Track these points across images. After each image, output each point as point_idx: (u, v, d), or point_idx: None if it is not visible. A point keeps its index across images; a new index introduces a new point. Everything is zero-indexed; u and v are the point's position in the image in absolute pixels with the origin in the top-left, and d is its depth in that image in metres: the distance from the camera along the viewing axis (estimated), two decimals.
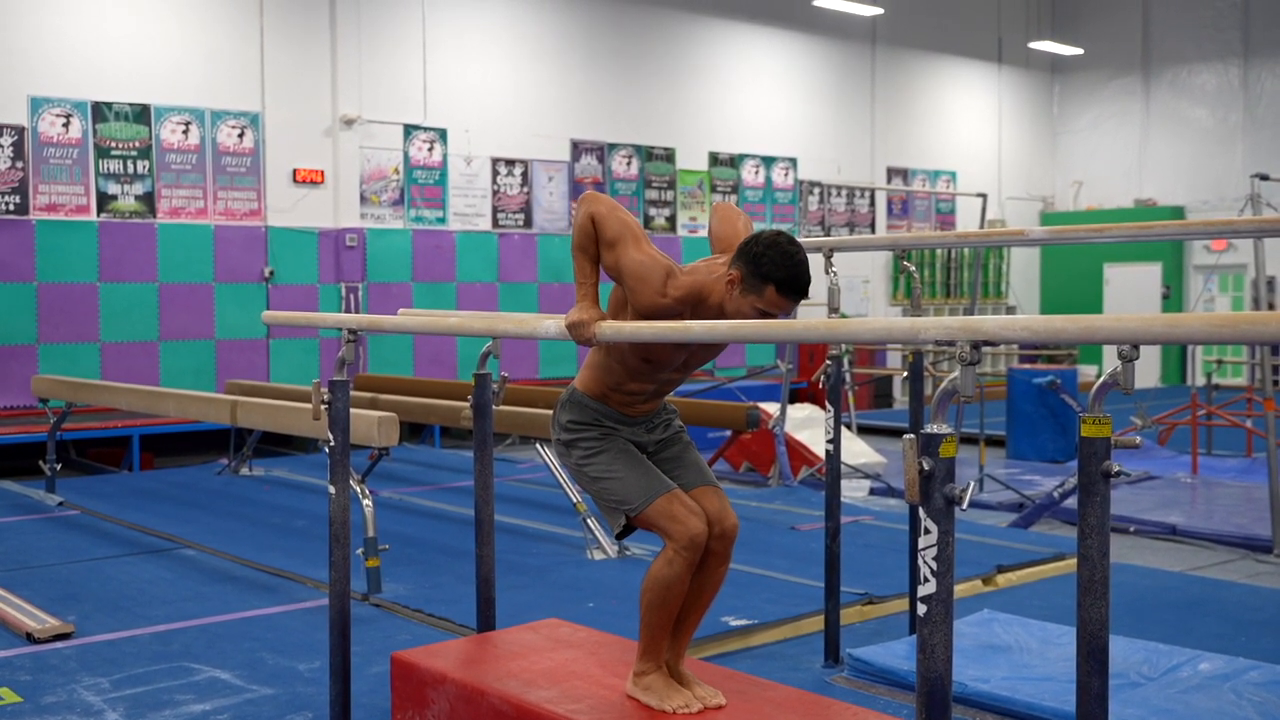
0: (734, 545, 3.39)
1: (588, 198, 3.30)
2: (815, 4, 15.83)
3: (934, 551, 2.33)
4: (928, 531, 2.33)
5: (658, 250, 3.28)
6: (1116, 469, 2.70)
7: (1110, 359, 2.46)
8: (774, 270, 3.08)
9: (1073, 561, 6.18)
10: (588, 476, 3.42)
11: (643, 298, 3.21)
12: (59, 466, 8.99)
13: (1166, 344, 2.19)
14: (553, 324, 3.36)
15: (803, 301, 3.27)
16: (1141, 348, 2.44)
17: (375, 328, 4.23)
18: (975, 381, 2.36)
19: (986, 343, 2.31)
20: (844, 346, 5.35)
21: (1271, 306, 16.49)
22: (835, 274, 4.99)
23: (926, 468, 2.32)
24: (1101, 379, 2.65)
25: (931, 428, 2.34)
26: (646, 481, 3.30)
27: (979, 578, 6.16)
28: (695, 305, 3.23)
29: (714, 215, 3.60)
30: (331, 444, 3.83)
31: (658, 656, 3.33)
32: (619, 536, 3.43)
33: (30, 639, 5.09)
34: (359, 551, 5.73)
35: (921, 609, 2.36)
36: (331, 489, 3.82)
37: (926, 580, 2.34)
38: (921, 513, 2.35)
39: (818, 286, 7.20)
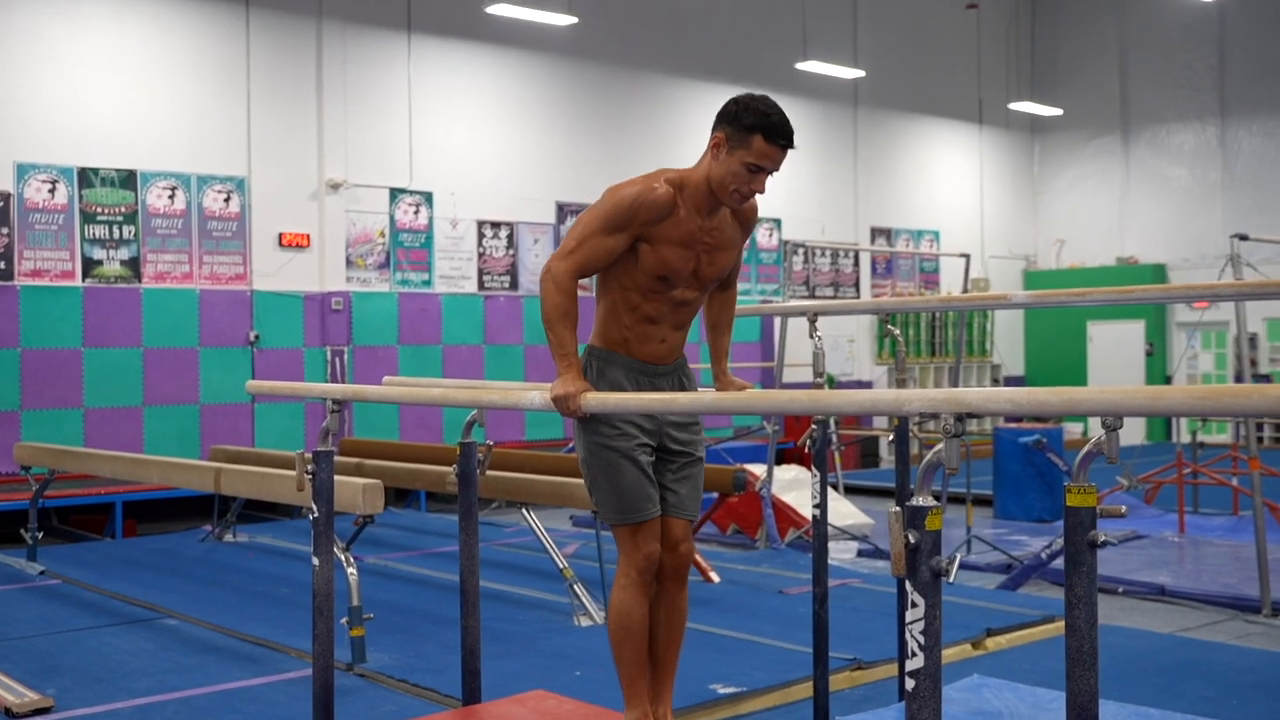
0: (688, 567, 3.48)
1: (549, 267, 3.33)
2: (798, 68, 16.00)
3: (921, 625, 2.31)
4: (914, 605, 2.32)
5: (611, 194, 3.37)
6: (1103, 539, 2.70)
7: (1096, 420, 2.46)
8: (758, 120, 3.17)
9: (1062, 624, 6.15)
10: (586, 462, 3.46)
11: (656, 206, 3.25)
12: (40, 535, 8.91)
13: (1149, 416, 2.20)
14: (537, 395, 3.36)
15: (788, 361, 3.35)
16: None
17: (359, 398, 4.22)
18: (960, 453, 2.36)
19: (970, 415, 2.32)
20: None
21: (1254, 363, 16.58)
22: (820, 338, 5.00)
23: (912, 541, 2.31)
24: (1085, 449, 2.65)
25: (917, 500, 2.34)
26: (634, 502, 3.37)
27: (968, 641, 6.12)
28: (680, 190, 3.30)
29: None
30: (315, 515, 3.81)
31: (641, 702, 3.33)
32: (594, 514, 3.53)
33: (9, 714, 5.01)
34: (343, 620, 5.67)
35: (909, 683, 2.34)
36: (315, 560, 3.79)
37: (914, 654, 2.33)
38: (908, 586, 2.34)
39: (804, 347, 7.20)
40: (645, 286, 3.32)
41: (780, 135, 3.16)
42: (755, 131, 3.15)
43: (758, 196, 3.38)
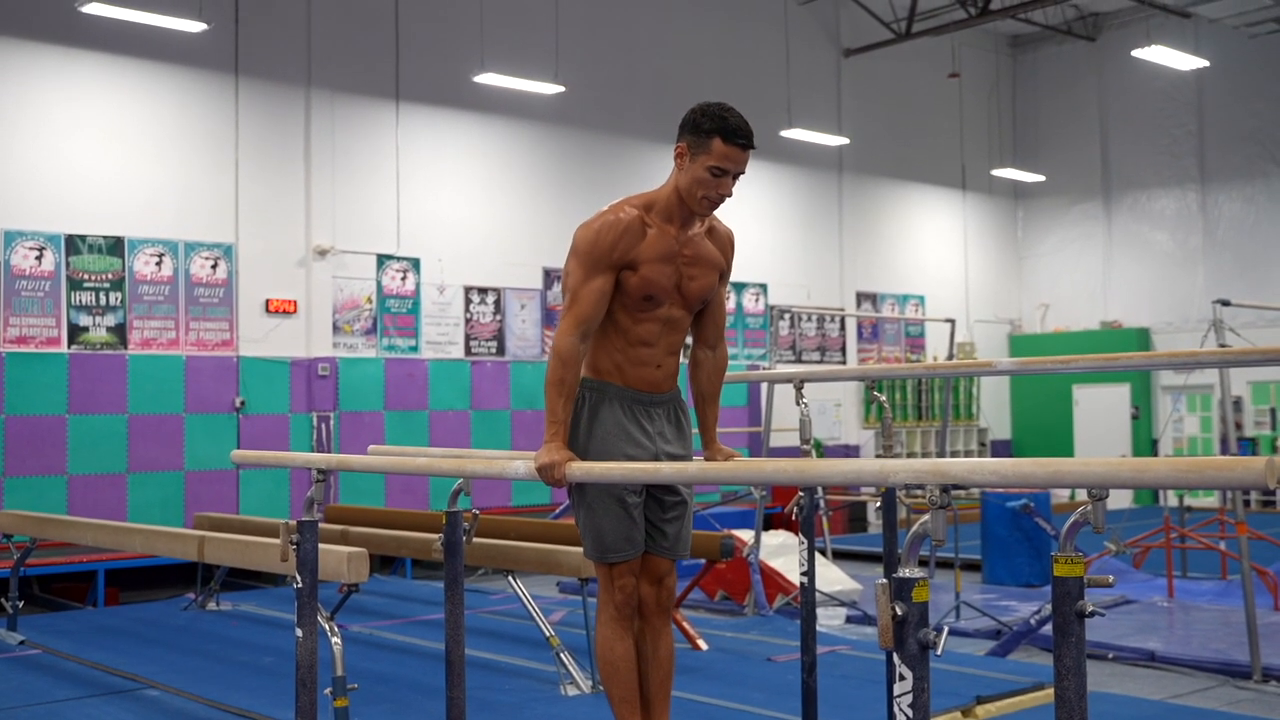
0: (672, 601, 3.53)
1: (557, 335, 3.38)
2: (783, 135, 16.16)
3: (909, 698, 2.30)
4: (903, 678, 2.31)
5: (584, 237, 3.47)
6: (1091, 609, 2.69)
7: (1082, 503, 2.47)
8: (714, 123, 3.22)
9: (1052, 691, 6.10)
10: (575, 499, 3.52)
11: (629, 233, 3.33)
12: (21, 603, 8.81)
13: (1135, 488, 2.20)
14: (521, 465, 3.35)
15: (775, 426, 3.40)
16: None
17: (344, 467, 4.20)
18: (945, 525, 2.36)
19: (956, 486, 2.32)
20: None
21: (1239, 426, 16.64)
22: (806, 405, 5.01)
23: (900, 612, 2.31)
24: (1072, 518, 2.65)
25: (904, 572, 2.33)
26: (617, 544, 3.41)
27: (958, 709, 6.07)
28: (649, 210, 3.35)
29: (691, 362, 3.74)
30: (299, 585, 3.78)
31: None
32: (586, 555, 3.53)
33: None
34: (327, 691, 5.60)
35: None
36: (299, 632, 3.76)
37: None
38: (896, 658, 2.33)
39: (791, 413, 7.20)
40: (634, 308, 3.39)
41: (739, 135, 3.24)
42: (714, 135, 3.21)
43: (736, 230, 3.48)
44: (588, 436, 3.45)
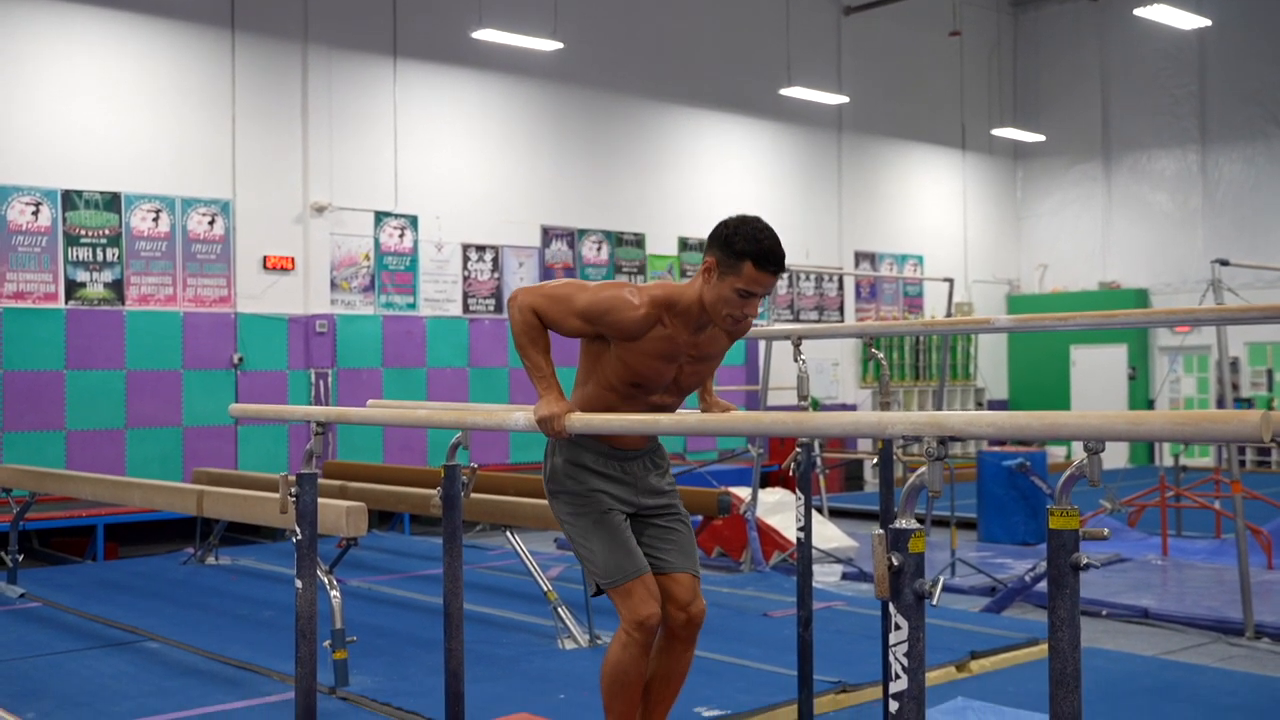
0: (699, 631, 3.38)
1: (515, 295, 3.34)
2: (782, 93, 16.08)
3: (904, 648, 2.32)
4: (898, 627, 2.33)
5: (604, 283, 3.35)
6: (1085, 561, 2.71)
7: (1079, 443, 2.48)
8: (748, 245, 3.13)
9: (1046, 646, 6.16)
10: (567, 533, 3.48)
11: (622, 321, 3.24)
12: (21, 557, 8.86)
13: (1130, 440, 2.21)
14: (521, 416, 3.36)
15: (772, 385, 3.35)
16: None
17: (343, 420, 4.21)
18: (943, 476, 2.37)
19: (953, 438, 2.33)
20: None
21: (1235, 387, 16.67)
22: (804, 361, 5.02)
23: (895, 563, 2.32)
24: (1068, 471, 2.67)
25: (900, 523, 2.35)
26: (617, 561, 3.32)
27: (952, 664, 6.12)
28: (669, 309, 3.26)
29: None
30: (298, 537, 3.80)
31: None
32: (593, 595, 3.46)
33: None
34: (326, 644, 5.65)
35: (893, 706, 2.34)
36: (298, 583, 3.78)
37: (897, 677, 2.33)
38: (891, 608, 2.34)
39: (788, 371, 7.21)
40: (621, 390, 3.35)
41: (770, 262, 3.15)
42: (745, 258, 3.13)
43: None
44: (565, 476, 3.46)
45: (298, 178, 12.29)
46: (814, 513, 5.09)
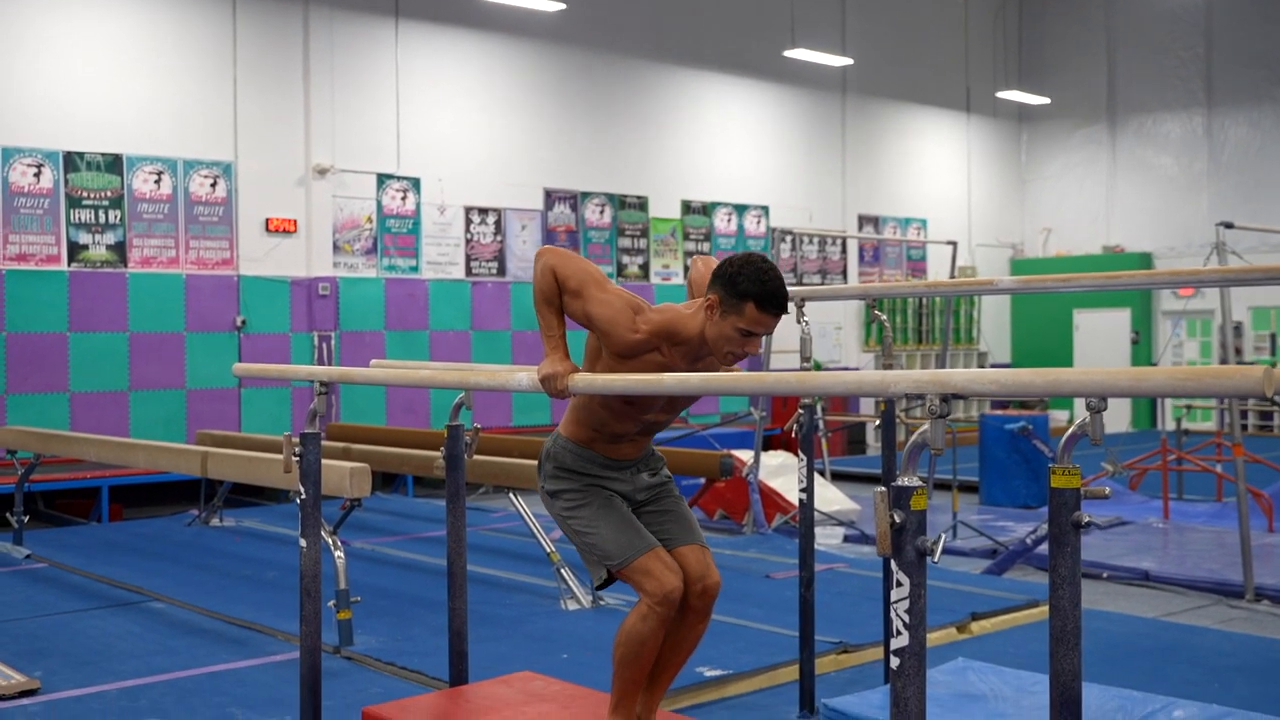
0: (715, 602, 3.38)
1: (544, 252, 3.32)
2: (786, 55, 15.99)
3: (906, 604, 2.33)
4: (899, 584, 2.34)
5: (622, 290, 3.33)
6: (1086, 520, 2.72)
7: (1081, 406, 2.48)
8: (751, 286, 3.11)
9: (1047, 608, 6.18)
10: (572, 529, 3.43)
11: (616, 339, 3.24)
12: (26, 519, 8.90)
13: (1132, 397, 2.22)
14: (525, 377, 3.36)
15: (774, 348, 3.32)
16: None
17: (347, 380, 4.22)
18: (945, 434, 2.37)
19: (956, 395, 2.33)
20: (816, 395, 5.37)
21: (1239, 352, 16.66)
22: (807, 323, 5.02)
23: (898, 520, 2.33)
24: (1070, 430, 2.67)
25: (902, 480, 2.35)
26: (627, 538, 3.31)
27: (953, 625, 6.16)
28: (669, 339, 3.25)
29: (693, 266, 3.65)
30: (303, 497, 3.82)
31: (629, 710, 3.31)
32: (599, 587, 3.41)
33: None
34: (330, 604, 5.68)
35: (894, 661, 2.36)
36: (303, 542, 3.80)
37: (899, 633, 2.35)
38: (893, 565, 2.35)
39: (791, 335, 7.21)
40: (615, 406, 3.35)
41: (773, 304, 3.14)
42: (749, 299, 3.12)
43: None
44: (562, 474, 3.46)
45: (300, 140, 12.25)
46: (816, 476, 5.10)
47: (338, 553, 5.88)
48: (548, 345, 3.25)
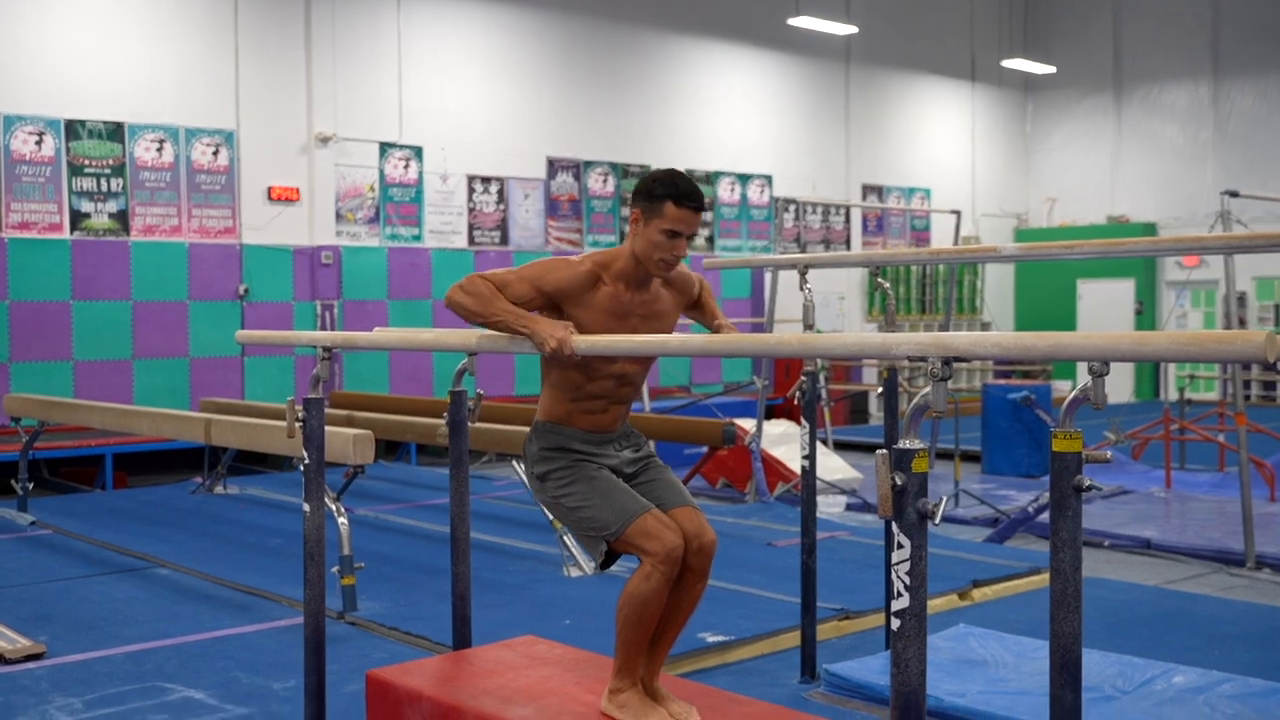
0: (712, 561, 3.38)
1: (458, 286, 3.38)
2: (790, 23, 15.91)
3: (907, 566, 2.34)
4: (900, 546, 2.34)
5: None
6: (1088, 483, 2.72)
7: (1084, 375, 2.48)
8: (666, 188, 3.33)
9: (1048, 576, 6.20)
10: (564, 508, 3.43)
11: (563, 281, 3.36)
12: (31, 485, 8.93)
13: (1135, 361, 2.22)
14: (529, 341, 3.35)
15: (778, 317, 3.32)
16: (1113, 364, 2.46)
17: (350, 345, 4.22)
18: (947, 397, 2.38)
19: (958, 358, 2.33)
20: (819, 362, 5.38)
21: (1243, 322, 16.64)
22: (810, 290, 5.01)
23: (899, 483, 2.34)
24: (1072, 394, 2.67)
25: (904, 443, 2.35)
26: (621, 504, 3.32)
27: (954, 592, 6.18)
28: (607, 268, 3.41)
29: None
30: (306, 462, 3.82)
31: (633, 674, 3.32)
32: (602, 567, 3.40)
33: (1, 660, 5.04)
34: (334, 569, 5.70)
35: (895, 623, 2.37)
36: (306, 507, 3.81)
37: (900, 595, 2.35)
38: (894, 527, 2.36)
39: (794, 302, 7.20)
40: (585, 362, 3.38)
41: (689, 198, 3.34)
42: (665, 199, 3.32)
43: (692, 267, 3.49)
44: (548, 455, 3.48)
45: (301, 108, 12.21)
46: (818, 444, 5.10)
47: (341, 519, 5.90)
48: (529, 324, 3.25)
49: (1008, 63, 19.17)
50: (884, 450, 2.33)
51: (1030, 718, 4.06)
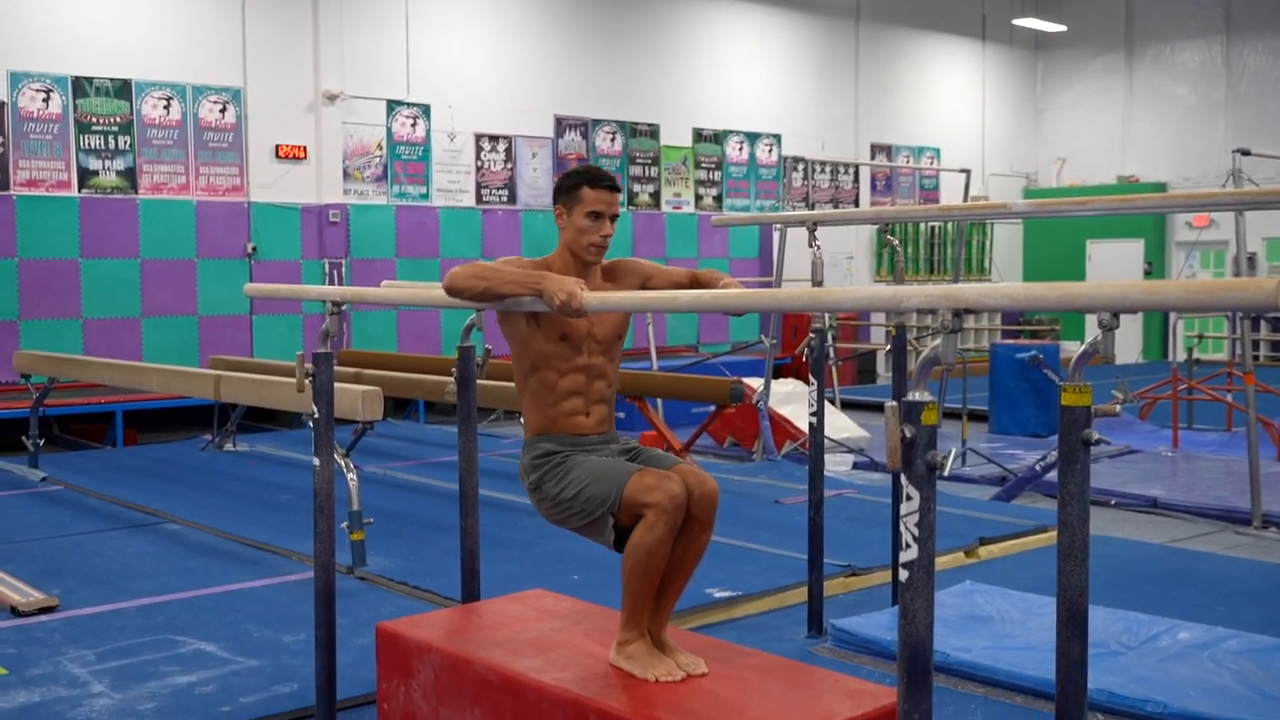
0: (716, 510, 3.39)
1: (457, 274, 3.43)
2: None
3: (915, 518, 2.34)
4: (909, 498, 2.35)
5: None
6: (1096, 437, 2.72)
7: (1092, 334, 2.48)
8: (579, 177, 3.52)
9: (1055, 534, 6.22)
10: (564, 503, 3.44)
11: (535, 266, 3.48)
12: (42, 442, 8.97)
13: (1146, 311, 2.21)
14: (537, 298, 3.35)
15: (786, 276, 3.30)
16: (1123, 322, 2.45)
17: (359, 299, 4.22)
18: (957, 349, 2.38)
19: (968, 310, 2.33)
20: (827, 321, 5.37)
21: None
22: (819, 248, 5.00)
23: (908, 435, 2.34)
24: (1082, 348, 2.67)
25: (914, 395, 2.35)
26: (615, 473, 3.34)
27: (961, 550, 6.20)
28: (551, 268, 3.51)
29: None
30: (315, 416, 3.83)
31: (641, 625, 3.34)
32: (617, 546, 3.40)
33: (15, 613, 5.09)
34: (344, 525, 5.74)
35: (903, 574, 2.38)
36: (316, 461, 3.82)
37: (908, 546, 2.36)
38: (903, 479, 2.37)
39: (802, 262, 7.20)
40: (553, 355, 3.49)
41: (602, 179, 3.52)
42: (581, 185, 3.50)
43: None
44: (540, 462, 3.51)
45: (309, 65, 12.16)
46: (826, 404, 5.11)
47: (350, 475, 5.92)
48: (538, 282, 3.26)
49: (1019, 21, 19.03)
50: (894, 402, 2.34)
51: (1036, 672, 4.08)
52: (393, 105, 12.76)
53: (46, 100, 10.71)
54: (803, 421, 9.18)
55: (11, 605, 5.13)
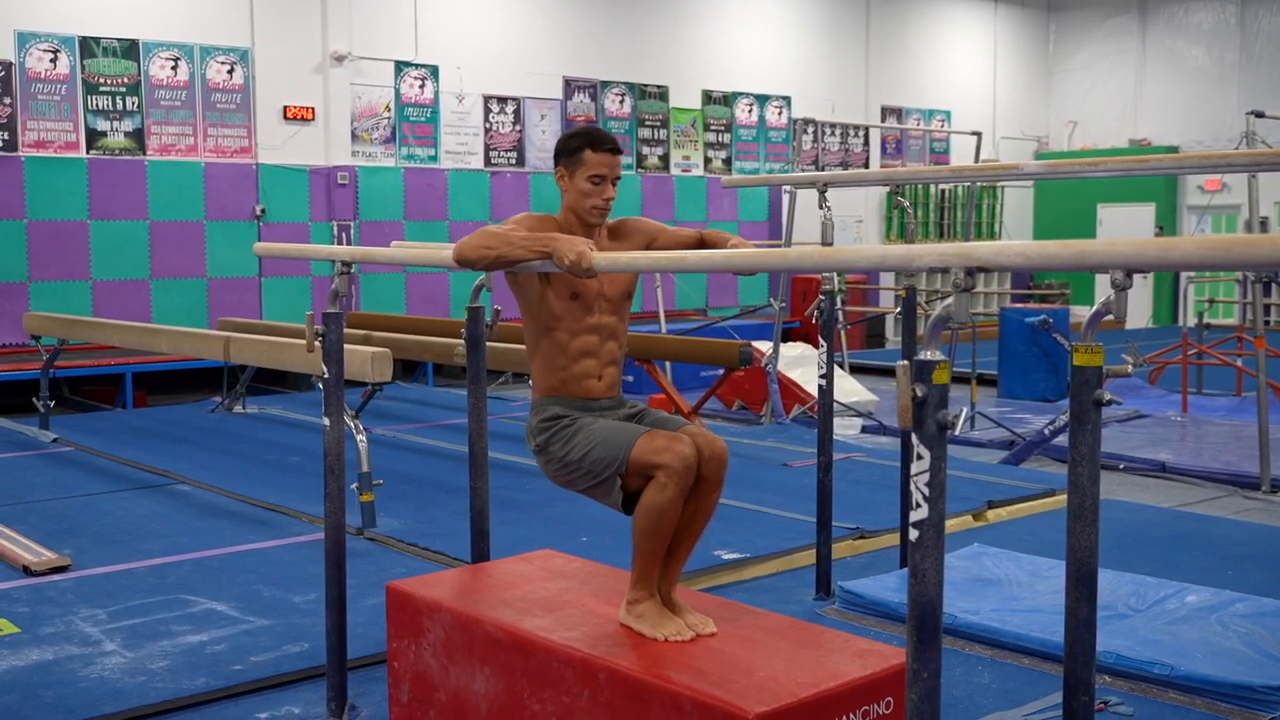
0: (726, 469, 3.38)
1: (466, 243, 3.38)
2: None
3: (926, 477, 2.34)
4: (920, 457, 2.34)
5: None
6: (1108, 398, 2.71)
7: (1104, 295, 2.47)
8: (581, 139, 3.46)
9: (1063, 498, 6.22)
10: (571, 465, 3.44)
11: (544, 228, 3.44)
12: (52, 404, 8.99)
13: (1160, 269, 2.20)
14: (550, 258, 3.34)
15: (796, 238, 3.28)
16: (1134, 286, 2.44)
17: (368, 259, 4.21)
18: (969, 308, 2.36)
19: (981, 269, 2.31)
20: (837, 283, 5.35)
21: None
22: (829, 209, 4.98)
23: (919, 394, 2.33)
24: (1095, 308, 2.66)
25: (925, 354, 2.34)
26: (623, 434, 3.34)
27: (970, 513, 6.20)
28: (558, 227, 3.49)
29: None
30: (325, 377, 3.83)
31: (650, 585, 3.35)
32: (626, 510, 3.40)
33: (27, 572, 5.12)
34: (353, 486, 5.75)
35: (913, 534, 2.37)
36: (326, 421, 3.83)
37: (918, 505, 2.35)
38: (914, 439, 2.36)
39: (812, 225, 7.16)
40: (565, 315, 3.46)
41: (604, 142, 3.47)
42: (583, 148, 3.45)
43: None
44: (547, 425, 3.49)
45: (316, 26, 12.10)
46: (835, 368, 5.10)
47: (360, 437, 5.93)
48: (546, 245, 3.24)
49: None
50: (905, 362, 2.33)
51: (1044, 634, 4.09)
52: (401, 66, 12.70)
53: (54, 61, 10.68)
54: (811, 385, 9.17)
55: (24, 565, 5.16)
